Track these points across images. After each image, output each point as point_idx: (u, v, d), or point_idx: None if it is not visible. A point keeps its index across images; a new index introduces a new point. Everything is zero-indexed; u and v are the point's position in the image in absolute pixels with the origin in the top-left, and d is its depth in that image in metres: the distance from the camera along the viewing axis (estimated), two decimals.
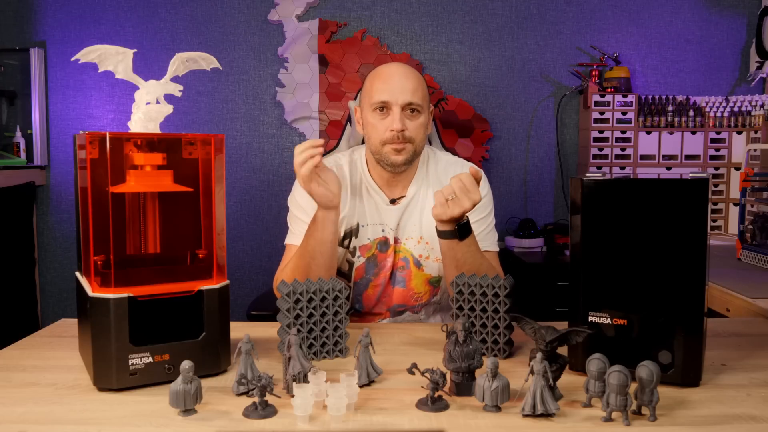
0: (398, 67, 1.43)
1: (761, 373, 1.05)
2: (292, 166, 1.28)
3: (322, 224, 1.31)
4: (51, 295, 3.11)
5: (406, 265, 1.49)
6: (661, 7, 3.06)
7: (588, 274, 1.01)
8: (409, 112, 1.39)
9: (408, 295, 1.50)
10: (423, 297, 1.51)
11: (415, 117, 1.40)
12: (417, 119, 1.40)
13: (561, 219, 3.07)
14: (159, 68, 1.10)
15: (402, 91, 1.38)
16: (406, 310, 1.52)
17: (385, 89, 1.39)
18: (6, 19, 3.00)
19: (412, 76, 1.41)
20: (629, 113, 2.92)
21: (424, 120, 1.42)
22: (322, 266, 1.33)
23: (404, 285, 1.50)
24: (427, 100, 1.44)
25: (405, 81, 1.39)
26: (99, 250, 0.95)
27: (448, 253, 1.32)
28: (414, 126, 1.40)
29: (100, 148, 0.94)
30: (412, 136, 1.39)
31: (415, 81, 1.40)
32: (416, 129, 1.40)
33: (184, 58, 1.06)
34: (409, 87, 1.38)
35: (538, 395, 0.85)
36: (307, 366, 0.92)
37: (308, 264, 1.33)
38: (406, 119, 1.39)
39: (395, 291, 1.50)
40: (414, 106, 1.39)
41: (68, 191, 3.08)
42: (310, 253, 1.33)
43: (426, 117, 1.44)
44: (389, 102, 1.38)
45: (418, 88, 1.40)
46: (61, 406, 0.90)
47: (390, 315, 1.53)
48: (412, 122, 1.40)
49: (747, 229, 2.13)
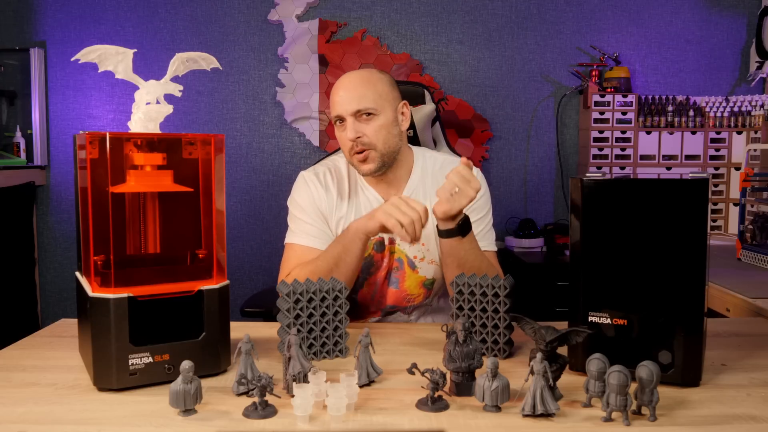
0: (346, 78, 1.44)
1: (761, 373, 1.05)
2: (292, 166, 1.28)
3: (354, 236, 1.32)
4: (51, 295, 3.11)
5: (400, 266, 1.49)
6: (661, 7, 3.06)
7: (588, 274, 1.01)
8: (365, 116, 1.40)
9: (401, 296, 1.50)
10: (415, 299, 1.51)
11: (370, 120, 1.40)
12: (373, 122, 1.40)
13: (561, 219, 3.07)
14: (159, 68, 1.10)
15: (349, 100, 1.39)
16: (397, 310, 1.53)
17: (336, 102, 1.42)
18: (6, 19, 3.00)
19: (359, 82, 1.41)
20: (629, 113, 2.92)
21: (383, 121, 1.41)
22: (343, 274, 1.33)
23: (397, 286, 1.50)
24: (384, 99, 1.42)
25: (351, 91, 1.40)
26: (99, 250, 0.95)
27: (450, 253, 1.32)
28: (371, 130, 1.40)
29: (100, 148, 0.94)
30: (371, 141, 1.39)
31: (362, 87, 1.40)
32: (374, 133, 1.40)
33: (184, 58, 1.06)
34: (355, 95, 1.39)
35: (538, 395, 0.85)
36: (307, 366, 0.92)
37: (331, 269, 1.33)
38: (362, 125, 1.40)
39: (390, 291, 1.50)
40: (364, 111, 1.39)
41: (68, 191, 3.08)
42: (335, 260, 1.34)
43: (386, 117, 1.41)
44: (341, 114, 1.41)
45: (365, 93, 1.39)
46: (61, 406, 0.90)
47: (381, 315, 1.53)
48: (368, 126, 1.40)
49: (747, 229, 2.13)
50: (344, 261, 1.33)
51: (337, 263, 1.33)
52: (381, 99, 1.41)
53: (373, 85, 1.41)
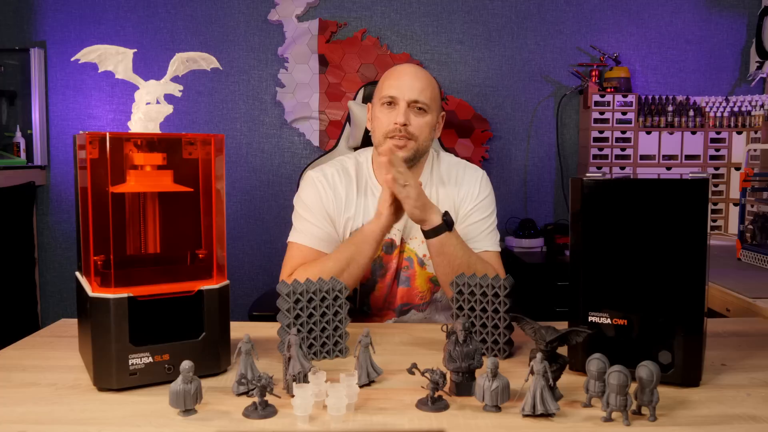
0: (411, 67, 1.47)
1: (761, 373, 1.05)
2: (292, 166, 1.29)
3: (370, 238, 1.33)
4: (51, 295, 3.11)
5: (410, 264, 1.50)
6: (661, 7, 3.06)
7: (588, 274, 1.01)
8: (416, 110, 1.43)
9: (413, 294, 1.52)
10: (426, 295, 1.53)
11: (421, 115, 1.43)
12: (422, 117, 1.43)
13: (561, 219, 3.07)
14: (159, 68, 1.10)
15: (410, 88, 1.42)
16: (411, 308, 1.53)
17: (394, 85, 1.43)
18: (6, 19, 3.00)
19: (423, 77, 1.45)
20: (629, 113, 2.92)
21: (430, 120, 1.45)
22: (353, 276, 1.35)
23: (408, 284, 1.51)
24: (436, 103, 1.47)
25: (414, 80, 1.43)
26: (99, 250, 0.95)
27: (439, 252, 1.33)
28: (418, 123, 1.42)
29: (100, 148, 0.94)
30: (415, 132, 1.42)
31: (425, 81, 1.44)
32: (420, 127, 1.43)
33: (184, 58, 1.06)
34: (417, 86, 1.42)
35: (538, 395, 0.85)
36: (307, 366, 0.92)
37: (342, 270, 1.34)
38: (412, 115, 1.42)
39: (400, 290, 1.51)
40: (420, 105, 1.42)
41: (68, 191, 3.08)
42: (347, 261, 1.35)
43: (433, 118, 1.46)
44: (396, 97, 1.42)
45: (426, 88, 1.43)
46: (61, 406, 0.90)
47: (396, 315, 1.53)
48: (417, 119, 1.43)
49: (747, 229, 2.13)
50: (356, 262, 1.34)
51: (349, 264, 1.34)
52: (434, 101, 1.46)
53: (433, 86, 1.46)
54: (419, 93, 1.42)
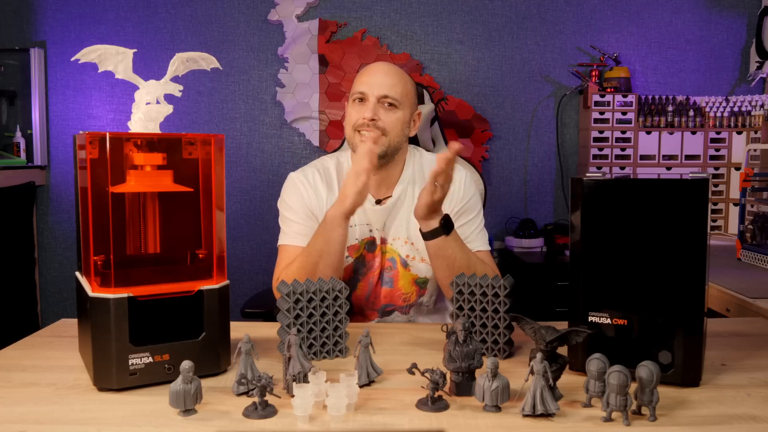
0: (383, 65, 1.48)
1: (761, 373, 1.05)
2: (292, 166, 1.28)
3: (332, 224, 1.32)
4: (51, 295, 3.11)
5: (393, 265, 1.50)
6: (661, 7, 3.06)
7: (588, 274, 1.01)
8: (386, 105, 1.43)
9: (396, 295, 1.51)
10: (410, 297, 1.52)
11: (392, 111, 1.43)
12: (393, 113, 1.43)
13: (561, 219, 3.07)
14: (159, 68, 1.10)
15: (380, 84, 1.42)
16: (394, 310, 1.53)
17: (364, 81, 1.44)
18: (6, 19, 3.00)
19: (395, 73, 1.45)
20: (629, 113, 2.92)
21: (402, 116, 1.45)
22: (329, 266, 1.34)
23: (392, 285, 1.51)
24: (408, 98, 1.47)
25: (385, 76, 1.44)
26: (99, 250, 0.95)
27: (438, 254, 1.33)
28: (389, 119, 1.43)
29: (100, 148, 0.94)
30: (385, 128, 1.42)
31: (395, 78, 1.44)
32: (391, 122, 1.43)
33: (184, 58, 1.06)
34: (388, 82, 1.43)
35: (538, 395, 0.85)
36: (307, 366, 0.92)
37: (315, 263, 1.33)
38: (382, 111, 1.43)
39: (383, 291, 1.51)
40: (391, 100, 1.42)
41: (68, 191, 3.08)
42: (318, 253, 1.33)
43: (405, 114, 1.46)
44: (366, 93, 1.43)
45: (397, 84, 1.43)
46: (61, 406, 0.90)
47: (378, 315, 1.53)
48: (388, 115, 1.43)
49: (747, 229, 2.13)
50: (327, 252, 1.32)
51: (321, 255, 1.32)
52: (406, 97, 1.46)
53: (404, 82, 1.46)
54: (389, 89, 1.42)
